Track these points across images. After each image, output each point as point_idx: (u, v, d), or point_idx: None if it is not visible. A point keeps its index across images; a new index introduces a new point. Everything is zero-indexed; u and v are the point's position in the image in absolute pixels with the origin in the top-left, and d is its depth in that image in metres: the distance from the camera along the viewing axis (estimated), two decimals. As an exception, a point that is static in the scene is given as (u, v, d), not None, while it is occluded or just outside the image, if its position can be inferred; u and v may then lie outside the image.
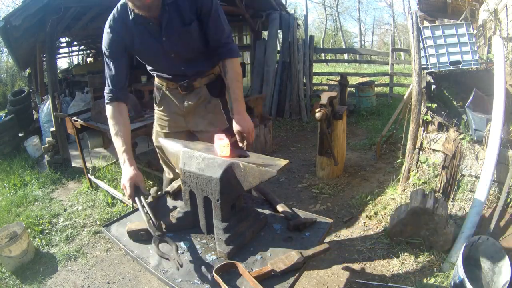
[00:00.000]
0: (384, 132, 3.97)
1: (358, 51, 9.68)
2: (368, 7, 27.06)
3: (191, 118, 1.78)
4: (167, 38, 1.52)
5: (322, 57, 15.61)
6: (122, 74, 1.55)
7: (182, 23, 1.51)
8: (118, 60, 1.54)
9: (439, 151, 2.58)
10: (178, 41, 1.55)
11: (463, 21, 3.31)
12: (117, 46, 1.52)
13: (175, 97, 1.74)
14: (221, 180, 1.13)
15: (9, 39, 4.05)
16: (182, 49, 1.59)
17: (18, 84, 11.62)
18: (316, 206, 3.05)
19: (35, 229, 2.86)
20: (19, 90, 6.75)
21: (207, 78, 1.72)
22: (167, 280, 1.09)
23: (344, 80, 5.22)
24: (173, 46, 1.56)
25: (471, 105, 2.44)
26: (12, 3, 15.92)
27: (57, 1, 3.63)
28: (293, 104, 5.98)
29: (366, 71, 10.31)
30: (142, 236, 1.27)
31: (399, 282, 2.01)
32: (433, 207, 2.13)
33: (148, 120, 2.99)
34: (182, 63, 1.63)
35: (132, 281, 2.23)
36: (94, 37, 7.48)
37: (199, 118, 1.77)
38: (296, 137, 5.16)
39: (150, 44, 1.55)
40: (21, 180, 3.98)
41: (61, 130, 4.06)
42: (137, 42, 1.54)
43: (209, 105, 1.75)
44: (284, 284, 1.04)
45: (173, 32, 1.52)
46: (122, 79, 1.56)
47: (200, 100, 1.73)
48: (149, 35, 1.52)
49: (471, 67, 2.97)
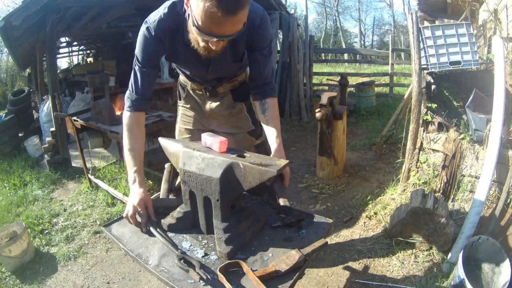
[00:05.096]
0: (384, 132, 3.97)
1: (358, 51, 9.71)
2: (368, 7, 27.02)
3: (214, 120, 1.74)
4: (213, 68, 1.47)
5: (322, 57, 15.61)
6: (150, 84, 1.43)
7: (233, 58, 1.45)
8: (151, 69, 1.40)
9: (439, 151, 2.58)
10: (223, 71, 1.53)
11: (463, 21, 3.31)
12: (155, 56, 1.39)
13: (199, 97, 1.71)
14: (221, 180, 1.13)
15: (9, 39, 4.05)
16: (223, 75, 1.57)
17: (18, 84, 11.61)
18: (316, 206, 3.05)
19: (35, 229, 2.86)
20: (19, 90, 6.75)
21: (231, 85, 1.66)
22: (167, 280, 1.09)
23: (344, 80, 5.22)
24: (216, 73, 1.53)
25: (471, 105, 2.44)
26: (12, 3, 15.94)
27: (57, 1, 3.63)
28: (293, 104, 5.99)
29: (366, 71, 10.31)
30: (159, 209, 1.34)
31: (399, 282, 2.01)
32: (433, 207, 2.13)
33: (148, 120, 2.99)
34: (215, 79, 1.60)
35: (132, 281, 2.23)
36: (94, 37, 7.48)
37: (223, 121, 1.72)
38: (296, 137, 5.16)
39: (194, 65, 1.47)
40: (21, 180, 3.98)
41: (61, 130, 4.06)
42: (180, 58, 1.44)
43: (233, 110, 1.70)
44: (286, 283, 1.04)
45: (221, 66, 1.47)
46: (150, 89, 1.44)
47: (224, 105, 1.68)
48: (196, 59, 1.38)
49: (471, 67, 2.97)
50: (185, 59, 1.43)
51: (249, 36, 1.36)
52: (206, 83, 1.62)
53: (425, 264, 2.13)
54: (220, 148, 1.23)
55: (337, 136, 3.36)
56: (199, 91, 1.67)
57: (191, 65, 1.49)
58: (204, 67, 1.46)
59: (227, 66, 1.50)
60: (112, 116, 2.97)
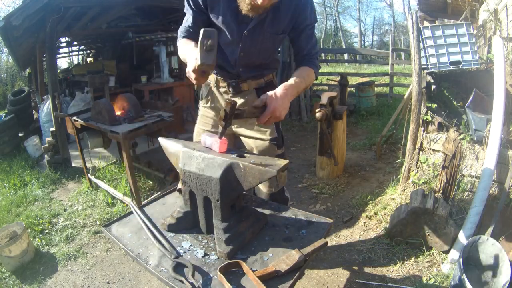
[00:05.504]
0: (384, 132, 3.97)
1: (358, 51, 9.71)
2: (368, 7, 27.02)
3: (236, 121, 1.64)
4: (249, 35, 1.43)
5: (322, 57, 15.58)
6: (196, 25, 1.45)
7: (273, 29, 1.43)
8: (196, 13, 1.45)
9: (439, 151, 2.58)
10: (257, 44, 1.48)
11: (463, 21, 3.31)
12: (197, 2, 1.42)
13: (222, 96, 1.66)
14: (221, 180, 1.13)
15: (9, 39, 4.05)
16: (254, 53, 1.51)
17: (18, 84, 11.61)
18: (316, 206, 3.05)
19: (35, 229, 2.86)
20: (19, 90, 6.75)
21: (257, 83, 1.63)
22: (167, 280, 1.09)
23: (344, 80, 5.22)
24: (248, 46, 1.47)
25: (471, 105, 2.44)
26: (12, 3, 15.94)
27: (57, 1, 3.63)
28: (293, 104, 5.98)
29: (366, 71, 10.31)
30: None
31: (399, 282, 2.01)
32: (433, 207, 2.13)
33: (148, 120, 2.99)
34: (242, 65, 1.55)
35: (132, 281, 2.23)
36: (94, 37, 7.48)
37: (245, 123, 1.65)
38: (296, 137, 5.16)
39: (228, 27, 1.43)
40: (21, 180, 3.98)
41: (61, 130, 4.06)
42: (217, 14, 1.42)
43: None
44: (286, 283, 1.04)
45: (258, 34, 1.43)
46: (199, 24, 1.45)
47: (247, 103, 1.61)
48: (233, 18, 1.39)
49: (471, 67, 2.97)
50: (223, 17, 1.41)
51: (295, 12, 1.40)
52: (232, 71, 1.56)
53: (425, 264, 2.13)
54: (220, 148, 1.23)
55: (337, 136, 3.36)
56: (223, 87, 1.63)
57: (224, 24, 1.43)
58: (238, 32, 1.43)
59: (264, 40, 1.46)
60: (112, 116, 2.97)
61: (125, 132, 2.74)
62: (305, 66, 1.50)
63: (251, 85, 1.62)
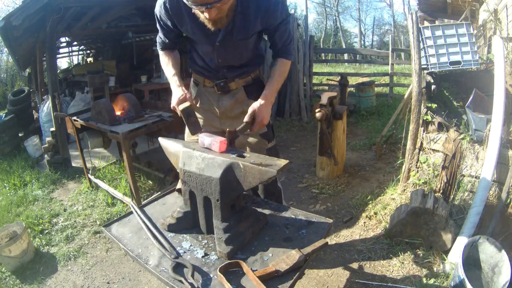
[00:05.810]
0: (384, 132, 3.97)
1: (358, 51, 9.70)
2: (368, 7, 27.00)
3: (227, 120, 1.72)
4: (221, 45, 1.50)
5: (322, 57, 15.60)
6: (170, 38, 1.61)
7: (243, 35, 1.48)
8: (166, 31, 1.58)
9: (439, 151, 2.58)
10: (231, 51, 1.53)
11: (463, 21, 3.31)
12: (166, 20, 1.53)
13: (211, 96, 1.71)
14: (221, 180, 1.13)
15: (9, 39, 4.05)
16: (231, 58, 1.58)
17: (18, 84, 11.60)
18: (316, 206, 3.05)
19: (35, 229, 2.86)
20: (19, 90, 6.75)
21: (244, 80, 1.68)
22: (167, 280, 1.09)
23: (344, 80, 5.22)
24: (223, 54, 1.54)
25: (471, 105, 2.44)
26: (12, 3, 15.94)
27: (57, 1, 3.63)
28: (293, 104, 5.98)
29: (366, 71, 10.31)
30: None
31: (399, 282, 2.01)
32: (433, 207, 2.13)
33: (148, 120, 2.99)
34: (225, 68, 1.62)
35: (132, 281, 2.23)
36: (94, 37, 7.47)
37: (235, 120, 1.69)
38: (296, 137, 5.16)
39: (200, 41, 1.54)
40: (21, 180, 3.98)
41: (61, 130, 4.06)
42: (186, 30, 1.53)
43: (246, 107, 1.67)
44: (286, 283, 1.04)
45: (229, 42, 1.49)
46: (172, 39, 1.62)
47: (237, 102, 1.69)
48: (202, 33, 1.48)
49: (471, 67, 2.97)
50: (192, 32, 1.51)
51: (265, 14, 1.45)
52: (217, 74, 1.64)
53: (425, 264, 2.13)
54: (220, 148, 1.23)
55: (337, 136, 3.36)
56: (211, 87, 1.68)
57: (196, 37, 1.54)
58: (210, 43, 1.51)
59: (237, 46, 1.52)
60: (112, 116, 2.97)
61: (125, 132, 2.74)
62: (281, 58, 1.62)
63: (239, 84, 1.68)
